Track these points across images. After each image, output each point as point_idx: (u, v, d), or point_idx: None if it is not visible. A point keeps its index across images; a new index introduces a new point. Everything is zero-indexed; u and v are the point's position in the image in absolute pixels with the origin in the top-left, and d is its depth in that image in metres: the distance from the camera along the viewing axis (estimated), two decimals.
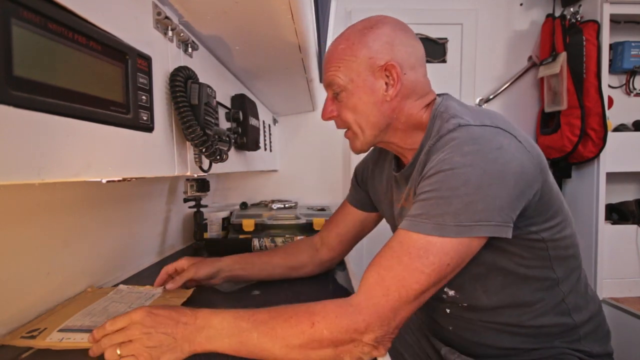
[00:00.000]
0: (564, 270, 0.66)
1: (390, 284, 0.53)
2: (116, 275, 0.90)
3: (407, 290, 0.52)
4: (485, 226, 0.53)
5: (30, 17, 0.31)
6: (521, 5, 1.87)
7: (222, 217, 1.30)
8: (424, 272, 0.52)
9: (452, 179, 0.54)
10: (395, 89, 0.65)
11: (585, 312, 0.68)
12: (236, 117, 0.89)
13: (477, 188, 0.52)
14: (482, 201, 0.52)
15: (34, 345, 0.58)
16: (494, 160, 0.54)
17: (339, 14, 1.82)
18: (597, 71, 1.61)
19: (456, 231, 0.52)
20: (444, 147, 0.58)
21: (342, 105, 0.69)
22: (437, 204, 0.54)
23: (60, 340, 0.58)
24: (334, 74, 0.67)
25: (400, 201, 0.74)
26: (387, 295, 0.52)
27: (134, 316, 0.53)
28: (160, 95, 0.55)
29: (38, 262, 0.67)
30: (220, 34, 0.73)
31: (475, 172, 0.53)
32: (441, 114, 0.65)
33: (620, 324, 1.54)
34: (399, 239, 0.56)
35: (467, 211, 0.52)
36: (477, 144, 0.55)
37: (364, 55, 0.65)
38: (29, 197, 0.65)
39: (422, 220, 0.54)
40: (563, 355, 0.66)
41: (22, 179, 0.31)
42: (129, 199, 0.97)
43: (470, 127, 0.58)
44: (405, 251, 0.54)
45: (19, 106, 0.30)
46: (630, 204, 1.77)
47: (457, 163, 0.54)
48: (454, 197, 0.53)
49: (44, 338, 0.58)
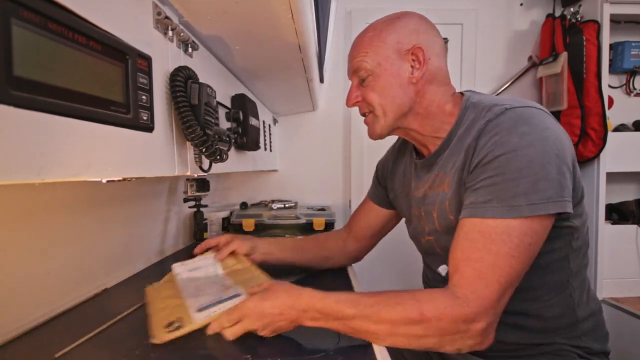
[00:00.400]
0: (577, 265, 0.68)
1: (487, 274, 0.54)
2: (116, 275, 0.90)
3: (504, 277, 0.54)
4: (555, 203, 0.55)
5: (30, 17, 0.31)
6: (521, 5, 1.87)
7: (222, 217, 1.30)
8: (513, 255, 0.54)
9: (516, 161, 0.56)
10: (420, 71, 0.68)
11: (587, 309, 0.69)
12: (236, 117, 0.89)
13: (541, 167, 0.55)
14: (546, 179, 0.55)
15: (187, 331, 0.58)
16: (547, 139, 0.57)
17: (339, 14, 1.82)
18: (597, 71, 1.61)
19: (530, 210, 0.54)
20: (494, 130, 0.60)
21: (368, 89, 0.71)
22: (506, 187, 0.56)
23: (207, 317, 0.60)
24: (362, 60, 0.70)
25: (423, 188, 0.75)
26: (489, 286, 0.54)
27: (244, 311, 0.57)
28: (160, 95, 0.55)
29: (38, 262, 0.67)
30: (220, 34, 0.73)
31: (536, 151, 0.55)
32: (475, 105, 0.68)
33: (620, 324, 1.54)
34: (477, 229, 0.57)
35: (536, 190, 0.55)
36: (530, 124, 0.58)
37: (391, 39, 0.69)
38: (29, 197, 0.65)
39: (493, 205, 0.56)
40: (563, 352, 0.67)
41: (22, 179, 0.31)
42: (129, 199, 0.97)
43: (518, 109, 0.61)
44: (488, 239, 0.55)
45: (19, 106, 0.30)
46: (630, 204, 1.77)
47: (517, 144, 0.56)
48: (521, 177, 0.55)
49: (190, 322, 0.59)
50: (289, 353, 0.56)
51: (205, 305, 0.63)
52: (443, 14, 1.83)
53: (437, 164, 0.72)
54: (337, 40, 1.83)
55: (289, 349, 0.57)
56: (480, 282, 0.54)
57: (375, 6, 1.81)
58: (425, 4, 1.82)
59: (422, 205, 0.75)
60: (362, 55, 0.70)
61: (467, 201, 0.60)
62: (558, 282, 0.67)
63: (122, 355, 0.55)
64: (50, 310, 0.69)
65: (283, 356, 0.54)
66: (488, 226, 0.56)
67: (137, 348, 0.57)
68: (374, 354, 0.55)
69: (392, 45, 0.68)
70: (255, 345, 0.58)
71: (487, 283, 0.54)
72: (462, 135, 0.67)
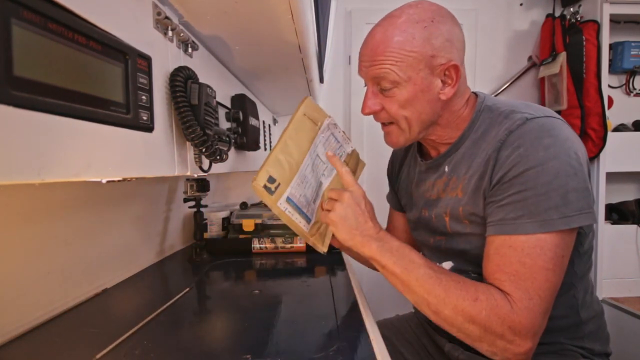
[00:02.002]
0: (582, 269, 0.68)
1: (527, 287, 0.54)
2: (116, 275, 0.90)
3: (543, 291, 0.54)
4: (587, 214, 0.56)
5: (30, 17, 0.31)
6: (521, 5, 1.87)
7: (222, 217, 1.30)
8: (548, 268, 0.54)
9: (544, 175, 0.55)
10: (453, 90, 0.65)
11: (591, 311, 0.69)
12: (236, 117, 0.89)
13: (567, 179, 0.55)
14: (575, 190, 0.55)
15: (268, 203, 0.68)
16: (569, 150, 0.57)
17: (339, 14, 1.82)
18: (597, 71, 1.61)
19: (564, 223, 0.54)
20: (518, 142, 0.58)
21: (391, 100, 0.65)
22: (537, 202, 0.55)
23: (284, 210, 0.69)
24: (389, 69, 0.62)
25: (433, 191, 0.74)
26: (531, 299, 0.53)
27: (345, 196, 0.66)
28: (160, 95, 0.55)
29: (38, 262, 0.67)
30: (220, 34, 0.73)
31: (561, 164, 0.55)
32: (489, 108, 0.67)
33: (620, 324, 1.54)
34: (508, 245, 0.56)
35: (566, 202, 0.54)
36: (553, 136, 0.57)
37: (426, 51, 0.62)
38: (29, 197, 0.65)
39: (525, 221, 0.55)
40: (567, 352, 0.67)
41: (22, 179, 0.31)
42: (129, 199, 0.97)
43: (538, 120, 0.60)
44: (522, 254, 0.55)
45: (19, 106, 0.30)
46: (630, 204, 1.77)
47: (543, 158, 0.56)
48: (551, 191, 0.55)
49: (277, 200, 0.68)
50: (289, 353, 0.56)
51: (293, 200, 0.70)
52: None
53: (446, 165, 0.71)
54: (337, 40, 1.83)
55: (289, 349, 0.57)
56: (521, 293, 0.53)
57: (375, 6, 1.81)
58: None
59: (434, 207, 0.74)
60: (389, 63, 0.62)
61: (496, 217, 0.59)
62: (563, 284, 0.66)
63: (122, 355, 0.55)
64: (50, 310, 0.69)
65: (283, 356, 0.54)
66: (519, 241, 0.55)
67: (137, 348, 0.57)
68: (374, 354, 0.55)
69: (425, 58, 0.62)
70: (255, 345, 0.58)
71: (529, 296, 0.53)
72: (477, 140, 0.66)
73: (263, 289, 0.85)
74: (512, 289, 0.54)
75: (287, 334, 0.62)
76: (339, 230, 0.66)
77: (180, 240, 1.31)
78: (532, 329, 0.53)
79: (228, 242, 1.21)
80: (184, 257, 1.15)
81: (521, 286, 0.54)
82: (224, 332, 0.66)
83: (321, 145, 0.77)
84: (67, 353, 0.57)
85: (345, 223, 0.65)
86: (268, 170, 0.68)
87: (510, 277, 0.55)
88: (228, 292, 0.86)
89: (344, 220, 0.65)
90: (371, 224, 0.66)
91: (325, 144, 0.78)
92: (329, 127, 0.78)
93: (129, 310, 0.74)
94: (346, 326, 0.62)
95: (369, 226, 0.65)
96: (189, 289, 0.83)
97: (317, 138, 0.76)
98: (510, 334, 0.52)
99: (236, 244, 1.18)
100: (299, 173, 0.72)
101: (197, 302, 0.79)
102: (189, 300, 0.77)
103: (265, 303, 0.77)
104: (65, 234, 0.74)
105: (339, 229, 0.65)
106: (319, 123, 0.77)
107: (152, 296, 0.83)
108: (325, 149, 0.77)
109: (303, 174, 0.73)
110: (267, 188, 0.68)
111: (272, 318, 0.69)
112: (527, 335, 0.52)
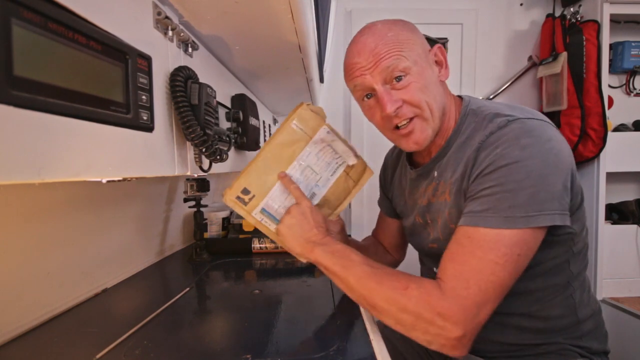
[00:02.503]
0: (577, 267, 0.68)
1: (469, 276, 0.54)
2: (116, 275, 0.90)
3: (485, 283, 0.53)
4: (550, 215, 0.55)
5: (30, 17, 0.31)
6: (521, 5, 1.87)
7: (222, 217, 1.30)
8: (498, 263, 0.54)
9: (516, 173, 0.55)
10: (447, 70, 0.68)
11: (588, 310, 0.70)
12: (236, 117, 0.89)
13: (539, 178, 0.55)
14: (545, 191, 0.55)
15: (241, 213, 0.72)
16: (549, 151, 0.56)
17: (339, 14, 1.82)
18: (597, 71, 1.61)
19: (524, 222, 0.54)
20: (497, 142, 0.59)
21: (407, 89, 0.63)
22: (503, 197, 0.55)
23: (260, 221, 0.73)
24: (397, 55, 0.62)
25: (424, 197, 0.75)
26: (468, 288, 0.53)
27: (292, 209, 0.71)
28: (160, 95, 0.55)
29: (38, 262, 0.67)
30: (220, 34, 0.73)
31: (535, 163, 0.55)
32: (474, 112, 0.67)
33: (619, 323, 1.54)
34: (467, 235, 0.57)
35: (533, 202, 0.54)
36: (532, 137, 0.57)
37: (417, 37, 0.66)
38: (29, 197, 0.65)
39: (489, 215, 0.56)
40: (565, 351, 0.67)
41: (22, 179, 0.31)
42: (129, 199, 0.97)
43: (521, 121, 0.60)
44: (476, 245, 0.55)
45: (19, 106, 0.30)
46: (630, 204, 1.77)
47: (518, 156, 0.56)
48: (520, 189, 0.55)
49: (251, 210, 0.72)
50: (289, 353, 0.56)
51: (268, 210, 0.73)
52: (443, 14, 1.83)
53: (435, 170, 0.72)
54: (337, 40, 1.83)
55: (289, 349, 0.57)
56: (460, 282, 0.54)
57: (375, 6, 1.82)
58: (425, 4, 1.82)
59: (426, 213, 0.75)
60: (395, 51, 0.62)
61: (466, 210, 0.60)
62: (559, 284, 0.67)
63: (122, 355, 0.55)
64: (50, 310, 0.69)
65: (283, 356, 0.54)
66: (479, 233, 0.56)
67: (137, 348, 0.57)
68: (374, 354, 0.55)
69: (420, 43, 0.66)
70: (255, 345, 0.58)
71: (467, 285, 0.53)
72: (461, 144, 0.66)
73: (263, 288, 0.85)
74: (451, 277, 0.55)
75: (287, 334, 0.62)
76: (285, 240, 0.71)
77: (180, 240, 1.31)
78: (463, 315, 0.52)
79: (228, 242, 1.21)
80: (184, 257, 1.15)
81: (462, 276, 0.54)
82: (224, 332, 0.66)
83: (314, 155, 0.76)
84: (67, 353, 0.57)
85: (290, 232, 0.70)
86: (242, 183, 0.72)
87: (456, 266, 0.56)
88: (228, 292, 0.86)
89: (290, 230, 0.70)
90: (316, 232, 0.69)
91: (319, 155, 0.77)
92: (326, 137, 0.76)
93: (129, 310, 0.74)
94: (346, 326, 0.62)
95: (314, 233, 0.69)
96: (189, 289, 0.83)
97: (309, 148, 0.75)
98: (440, 320, 0.52)
99: (236, 244, 1.17)
100: (278, 185, 0.74)
101: (197, 302, 0.79)
102: (189, 300, 0.77)
103: (265, 303, 0.77)
104: (65, 234, 0.74)
105: (286, 238, 0.71)
106: (312, 133, 0.76)
107: (152, 296, 0.83)
108: (319, 159, 0.77)
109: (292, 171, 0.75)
110: (240, 199, 0.72)
111: (272, 318, 0.69)
112: (457, 321, 0.52)
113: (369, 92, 0.67)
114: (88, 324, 0.67)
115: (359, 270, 0.61)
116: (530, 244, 0.56)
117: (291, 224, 0.70)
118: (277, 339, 0.60)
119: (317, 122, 0.76)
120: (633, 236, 1.72)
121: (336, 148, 0.78)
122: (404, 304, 0.55)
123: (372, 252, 0.97)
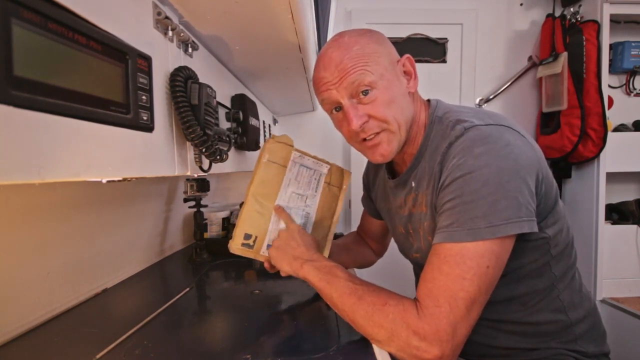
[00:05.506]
0: (561, 269, 0.67)
1: (438, 294, 0.53)
2: (116, 275, 0.90)
3: (455, 300, 0.52)
4: (515, 223, 0.53)
5: (30, 17, 0.31)
6: (521, 5, 1.87)
7: (222, 217, 1.30)
8: (465, 278, 0.52)
9: (471, 183, 0.54)
10: (416, 81, 0.67)
11: (580, 310, 0.69)
12: (236, 117, 0.89)
13: (497, 186, 0.53)
14: (505, 198, 0.53)
15: (251, 256, 0.76)
16: (506, 157, 0.55)
17: (339, 14, 1.82)
18: (597, 71, 1.61)
19: (490, 232, 0.52)
20: (454, 153, 0.58)
21: (374, 104, 0.63)
22: (464, 209, 0.54)
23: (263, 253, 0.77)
24: (362, 70, 0.61)
25: (405, 207, 0.74)
26: (439, 306, 0.52)
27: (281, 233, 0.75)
28: (160, 95, 0.55)
29: (38, 262, 0.67)
30: (220, 34, 0.73)
31: (491, 171, 0.54)
32: (440, 119, 0.66)
33: (619, 323, 1.54)
34: (435, 252, 0.56)
35: (495, 211, 0.53)
36: (487, 144, 0.56)
37: (384, 49, 0.65)
38: (29, 197, 0.65)
39: (454, 229, 0.54)
40: (559, 357, 0.66)
41: (22, 179, 0.31)
42: (129, 199, 0.97)
43: (476, 128, 0.58)
44: (443, 261, 0.54)
45: (19, 106, 0.30)
46: (630, 204, 1.77)
47: (472, 166, 0.55)
48: (478, 199, 0.53)
49: (259, 250, 0.77)
50: (289, 353, 0.56)
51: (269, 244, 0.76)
52: (443, 14, 1.83)
53: (412, 180, 0.71)
54: None
55: (289, 349, 0.57)
56: (430, 301, 0.53)
57: (375, 6, 1.81)
58: (425, 4, 1.82)
59: (408, 223, 0.74)
60: (360, 66, 0.61)
61: (437, 226, 0.59)
62: (542, 288, 0.66)
63: (122, 355, 0.55)
64: (50, 310, 0.69)
65: (283, 356, 0.54)
66: (444, 248, 0.55)
67: (137, 348, 0.57)
68: (374, 354, 0.55)
69: (386, 54, 0.64)
70: (255, 345, 0.58)
71: (437, 303, 0.52)
72: (432, 153, 0.66)
73: (263, 288, 0.85)
74: (424, 296, 0.54)
75: (287, 334, 0.62)
76: (276, 261, 0.72)
77: (180, 240, 1.31)
78: (437, 335, 0.51)
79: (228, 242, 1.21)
80: (184, 257, 1.16)
81: (433, 293, 0.53)
82: (224, 332, 0.66)
83: (294, 180, 0.80)
84: (67, 353, 0.57)
85: (279, 252, 0.72)
86: (242, 229, 0.76)
87: (427, 284, 0.55)
88: (228, 292, 0.86)
89: (279, 251, 0.72)
90: (304, 249, 0.71)
91: (298, 178, 0.81)
92: (297, 159, 0.81)
93: (129, 310, 0.74)
94: (346, 326, 0.62)
95: (301, 251, 0.71)
96: (189, 289, 0.83)
97: (287, 176, 0.79)
98: (416, 340, 0.51)
99: None
100: (273, 218, 0.77)
101: (197, 302, 0.79)
102: (189, 300, 0.77)
103: (265, 303, 0.77)
104: (65, 234, 0.74)
105: (277, 260, 0.72)
106: (285, 162, 0.80)
107: (152, 296, 0.83)
108: (300, 182, 0.81)
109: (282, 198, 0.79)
110: (245, 245, 0.76)
111: (272, 318, 0.69)
112: (432, 341, 0.51)
113: (336, 106, 0.67)
114: (88, 324, 0.67)
115: (342, 286, 0.60)
116: (499, 254, 0.54)
117: (279, 245, 0.73)
118: (277, 339, 0.60)
119: (286, 150, 0.80)
120: (633, 236, 1.72)
121: (308, 165, 0.82)
122: (380, 320, 0.54)
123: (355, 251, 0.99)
